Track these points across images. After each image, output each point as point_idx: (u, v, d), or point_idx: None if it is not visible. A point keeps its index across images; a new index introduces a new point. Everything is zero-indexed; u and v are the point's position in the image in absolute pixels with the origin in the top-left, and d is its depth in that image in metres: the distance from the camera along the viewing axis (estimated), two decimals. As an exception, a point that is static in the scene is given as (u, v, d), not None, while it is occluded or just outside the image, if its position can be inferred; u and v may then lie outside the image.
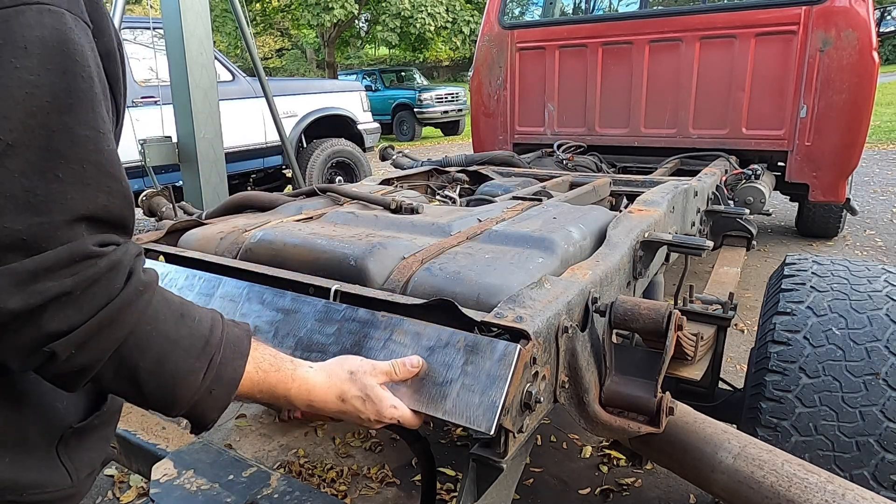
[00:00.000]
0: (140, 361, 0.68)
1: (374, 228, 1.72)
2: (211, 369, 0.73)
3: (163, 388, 0.70)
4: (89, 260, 0.61)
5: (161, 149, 4.02)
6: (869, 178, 7.76)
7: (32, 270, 0.57)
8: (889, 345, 1.34)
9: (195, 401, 0.73)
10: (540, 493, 2.14)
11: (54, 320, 0.60)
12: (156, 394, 0.71)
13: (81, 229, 0.60)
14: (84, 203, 0.60)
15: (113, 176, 0.62)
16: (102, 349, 0.64)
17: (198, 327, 0.73)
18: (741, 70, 3.82)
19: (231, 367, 0.76)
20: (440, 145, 14.76)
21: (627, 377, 1.24)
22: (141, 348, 0.67)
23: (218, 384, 0.75)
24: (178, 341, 0.71)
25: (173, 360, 0.70)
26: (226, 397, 0.76)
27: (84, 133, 0.59)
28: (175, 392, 0.71)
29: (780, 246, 5.13)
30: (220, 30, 21.17)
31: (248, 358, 0.79)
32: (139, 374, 0.68)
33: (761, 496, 1.10)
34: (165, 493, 1.18)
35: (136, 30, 5.43)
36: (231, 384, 0.76)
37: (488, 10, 4.62)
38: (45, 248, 0.58)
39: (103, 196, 0.62)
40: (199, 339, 0.73)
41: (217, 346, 0.74)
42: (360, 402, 0.90)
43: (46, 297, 0.58)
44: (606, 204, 2.82)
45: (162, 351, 0.69)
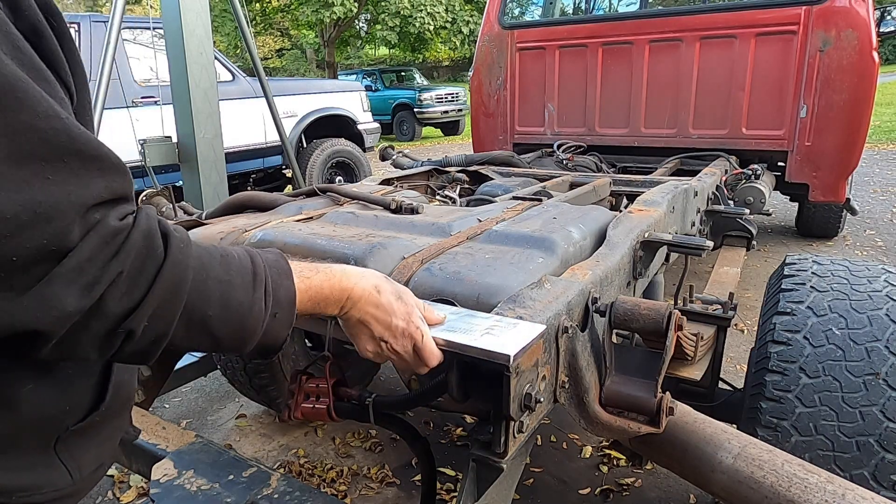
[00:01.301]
0: (207, 310, 0.70)
1: (374, 228, 1.72)
2: (268, 295, 0.77)
3: (234, 327, 0.73)
4: (119, 235, 0.61)
5: (161, 149, 4.02)
6: (869, 178, 7.76)
7: (75, 268, 0.57)
8: (889, 345, 1.34)
9: (265, 329, 0.77)
10: (540, 493, 2.14)
11: (118, 303, 0.61)
12: (229, 335, 0.73)
13: (97, 213, 0.60)
14: (87, 192, 0.59)
15: (97, 156, 0.60)
16: (173, 311, 0.66)
17: (241, 263, 0.76)
18: (741, 70, 3.82)
19: (283, 287, 0.80)
20: (440, 145, 14.76)
21: (627, 377, 1.24)
22: (203, 298, 0.69)
23: (278, 306, 0.78)
24: (232, 280, 0.73)
25: (235, 298, 0.73)
26: (289, 315, 0.80)
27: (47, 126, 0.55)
28: (246, 327, 0.74)
29: (780, 246, 5.13)
30: (220, 30, 21.20)
31: (292, 273, 0.83)
32: (210, 323, 0.70)
33: (761, 496, 1.10)
34: (165, 493, 1.18)
35: (136, 30, 5.43)
36: (289, 302, 0.80)
37: (488, 10, 4.62)
38: (73, 246, 0.57)
39: (99, 179, 0.60)
40: (247, 273, 0.75)
41: (264, 273, 0.77)
42: (395, 298, 0.93)
43: (102, 285, 0.59)
44: (606, 204, 2.82)
45: (223, 294, 0.71)
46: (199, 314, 0.69)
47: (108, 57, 3.63)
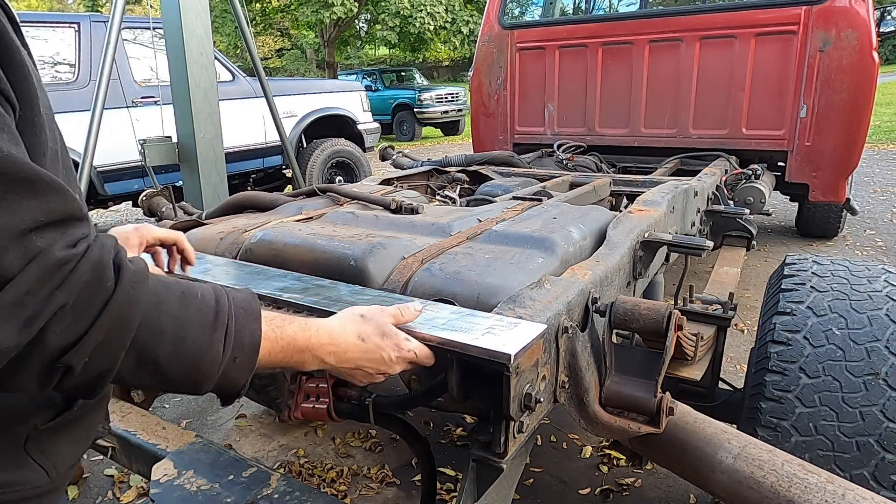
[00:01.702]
0: (158, 348, 0.66)
1: (374, 228, 1.72)
2: (229, 337, 0.72)
3: (187, 369, 0.70)
4: (66, 265, 0.57)
5: (161, 149, 4.02)
6: (869, 178, 7.76)
7: (13, 301, 0.54)
8: (889, 345, 1.34)
9: (222, 372, 0.72)
10: (540, 493, 2.13)
11: (59, 336, 0.57)
12: (182, 376, 0.70)
13: (40, 240, 0.56)
14: (16, 216, 0.54)
15: (27, 178, 0.55)
16: (117, 347, 0.63)
17: (203, 300, 0.72)
18: (741, 70, 3.82)
19: (248, 329, 0.75)
20: (440, 145, 14.76)
21: (627, 377, 1.24)
22: (154, 336, 0.66)
23: (240, 350, 0.74)
24: (189, 319, 0.69)
25: (190, 338, 0.69)
26: (251, 361, 0.76)
27: None
28: (200, 369, 0.70)
29: (780, 246, 5.13)
30: (220, 30, 21.19)
31: (261, 318, 0.78)
32: (160, 361, 0.67)
33: (761, 496, 1.10)
34: (165, 493, 1.18)
35: (136, 30, 5.43)
36: (252, 346, 0.76)
37: (488, 10, 4.62)
38: (10, 276, 0.53)
39: (31, 201, 0.55)
40: (208, 312, 0.71)
41: (228, 314, 0.73)
42: (380, 337, 0.91)
43: (42, 319, 0.55)
44: (606, 204, 2.82)
45: (176, 333, 0.68)
46: (150, 352, 0.66)
47: (108, 57, 3.63)
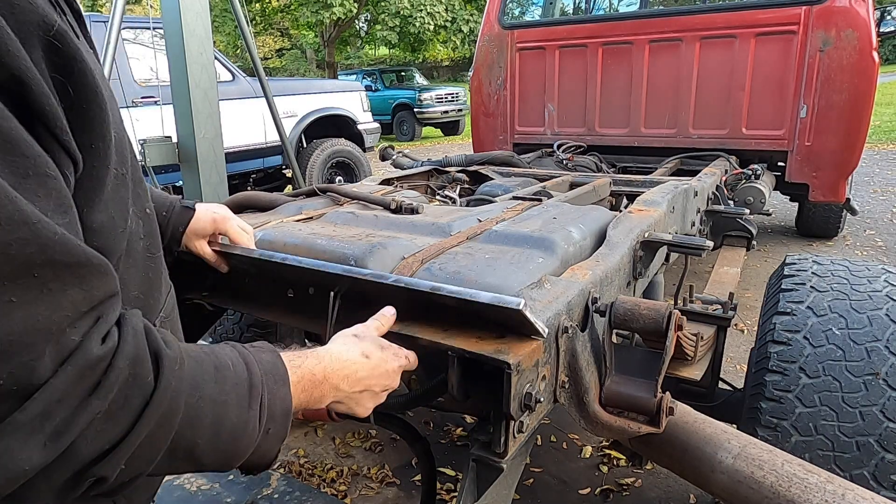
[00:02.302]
0: (197, 438, 0.59)
1: (374, 228, 1.72)
2: (263, 410, 0.66)
3: (224, 453, 0.63)
4: (101, 364, 0.50)
5: (161, 149, 4.02)
6: (869, 178, 7.76)
7: (41, 413, 0.46)
8: (889, 345, 1.34)
9: (255, 448, 0.67)
10: (540, 493, 2.14)
11: (91, 445, 0.50)
12: (216, 460, 0.63)
13: (74, 335, 0.49)
14: (60, 311, 0.48)
15: (76, 263, 0.49)
16: (157, 448, 0.55)
17: (237, 374, 0.65)
18: (741, 70, 3.82)
19: (278, 398, 0.69)
20: (440, 145, 14.76)
21: (627, 377, 1.24)
22: (193, 425, 0.58)
23: (273, 421, 0.68)
24: (227, 399, 0.62)
25: (229, 420, 0.62)
26: (283, 430, 0.70)
27: (11, 238, 0.44)
28: (237, 450, 0.65)
29: (780, 246, 5.13)
30: (220, 29, 21.18)
31: (289, 380, 0.72)
32: (196, 451, 0.60)
33: (761, 496, 1.10)
34: (165, 493, 1.18)
35: (136, 30, 5.43)
36: (284, 414, 0.70)
37: (488, 10, 4.62)
38: (41, 382, 0.46)
39: (76, 290, 0.49)
40: (243, 386, 0.65)
41: (261, 385, 0.67)
42: (380, 350, 0.89)
43: (73, 432, 0.48)
44: (606, 204, 2.82)
45: (215, 418, 0.61)
46: (187, 444, 0.59)
47: (108, 57, 3.63)
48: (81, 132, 0.55)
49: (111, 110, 0.60)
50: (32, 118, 0.49)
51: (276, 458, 0.72)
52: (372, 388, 0.88)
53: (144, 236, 0.73)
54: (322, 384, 0.78)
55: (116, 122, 0.63)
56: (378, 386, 0.89)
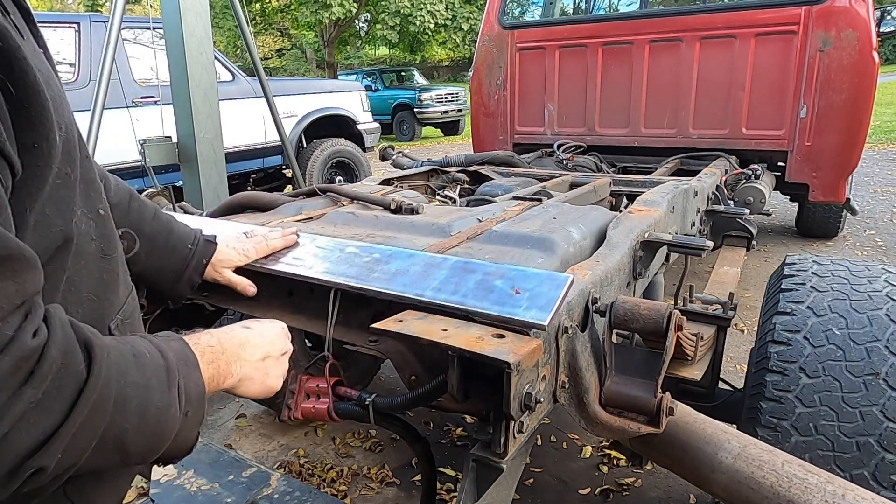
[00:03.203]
0: (125, 423, 0.59)
1: (374, 229, 1.72)
2: (181, 393, 0.68)
3: (150, 438, 0.64)
4: (34, 355, 0.51)
5: (161, 149, 4.02)
6: (869, 178, 7.76)
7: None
8: (889, 345, 1.34)
9: (178, 431, 0.68)
10: (540, 493, 2.14)
11: (27, 437, 0.50)
12: (142, 448, 0.63)
13: (7, 327, 0.50)
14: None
15: (10, 256, 0.49)
16: (90, 436, 0.56)
17: (153, 360, 0.66)
18: (741, 70, 3.82)
19: (193, 380, 0.71)
20: (440, 145, 14.76)
21: (627, 377, 1.24)
22: (121, 411, 0.59)
23: (190, 404, 0.69)
24: (149, 384, 0.63)
25: (153, 404, 0.63)
26: (200, 413, 0.72)
27: None
28: (161, 434, 0.65)
29: (780, 246, 5.13)
30: (220, 24, 21.17)
31: (199, 364, 0.74)
32: (125, 438, 0.60)
33: (761, 496, 1.10)
34: (165, 493, 1.18)
35: (136, 30, 5.43)
36: (199, 397, 0.72)
37: (488, 10, 4.62)
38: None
39: (9, 284, 0.50)
40: (161, 372, 0.66)
41: (176, 370, 0.68)
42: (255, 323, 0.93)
43: (9, 420, 0.48)
44: (606, 204, 2.82)
45: (140, 402, 0.61)
46: (116, 430, 0.59)
47: (108, 57, 3.63)
48: (22, 131, 0.55)
49: (57, 110, 0.60)
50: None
51: (194, 444, 0.74)
52: (271, 354, 0.91)
53: (97, 238, 0.74)
54: (223, 354, 0.80)
55: (66, 122, 0.63)
56: (275, 350, 0.92)
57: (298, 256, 1.34)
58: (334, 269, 1.26)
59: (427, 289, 1.13)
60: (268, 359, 0.90)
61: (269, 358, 0.91)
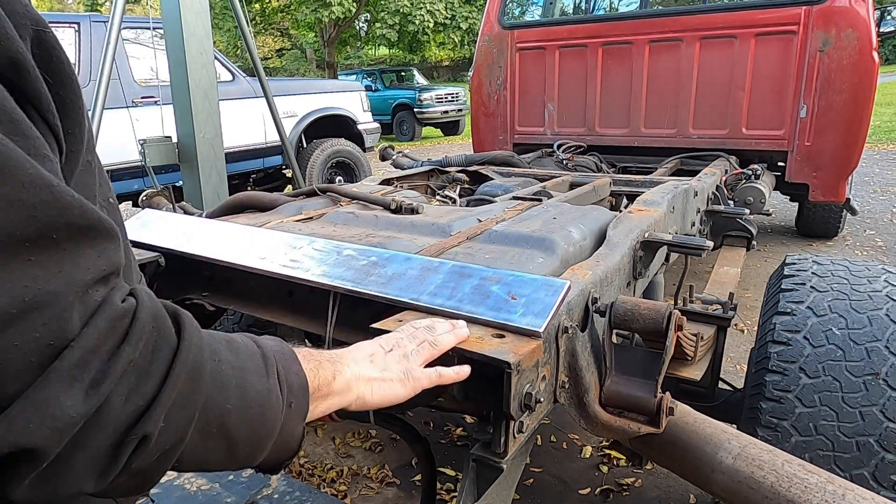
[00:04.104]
0: (226, 402, 0.59)
1: (374, 229, 1.72)
2: (281, 381, 0.66)
3: (254, 424, 0.62)
4: (126, 317, 0.51)
5: (161, 149, 4.02)
6: (869, 178, 7.76)
7: (77, 362, 0.47)
8: (889, 345, 1.34)
9: (283, 422, 0.66)
10: (540, 493, 2.14)
11: (127, 403, 0.50)
12: (247, 436, 0.62)
13: (96, 294, 0.50)
14: (80, 269, 0.49)
15: (89, 226, 0.50)
16: (191, 406, 0.55)
17: (247, 346, 0.66)
18: (741, 70, 3.82)
19: (293, 371, 0.69)
20: (440, 145, 14.76)
21: (627, 377, 1.24)
22: (219, 388, 0.58)
23: (293, 395, 0.67)
24: (244, 365, 0.62)
25: (252, 387, 0.62)
26: (304, 403, 0.70)
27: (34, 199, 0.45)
28: (266, 420, 0.63)
29: (780, 246, 5.13)
30: (220, 26, 21.18)
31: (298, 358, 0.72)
32: (228, 420, 0.59)
33: (761, 496, 1.10)
34: (165, 493, 1.18)
35: (136, 30, 5.43)
36: (302, 388, 0.69)
37: (488, 10, 4.62)
38: (73, 336, 0.47)
39: (90, 251, 0.50)
40: (257, 357, 0.65)
41: (272, 357, 0.67)
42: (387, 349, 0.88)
43: (110, 379, 0.49)
44: (606, 204, 2.82)
45: (239, 382, 0.61)
46: (217, 409, 0.58)
47: (108, 57, 3.63)
48: (62, 118, 0.56)
49: None
50: (25, 102, 0.50)
51: (301, 441, 0.71)
52: (375, 353, 0.85)
53: None
54: (319, 355, 0.77)
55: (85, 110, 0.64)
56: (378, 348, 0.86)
57: (297, 258, 1.34)
58: (331, 271, 1.26)
59: (423, 293, 1.13)
60: (375, 357, 0.84)
61: (376, 356, 0.84)
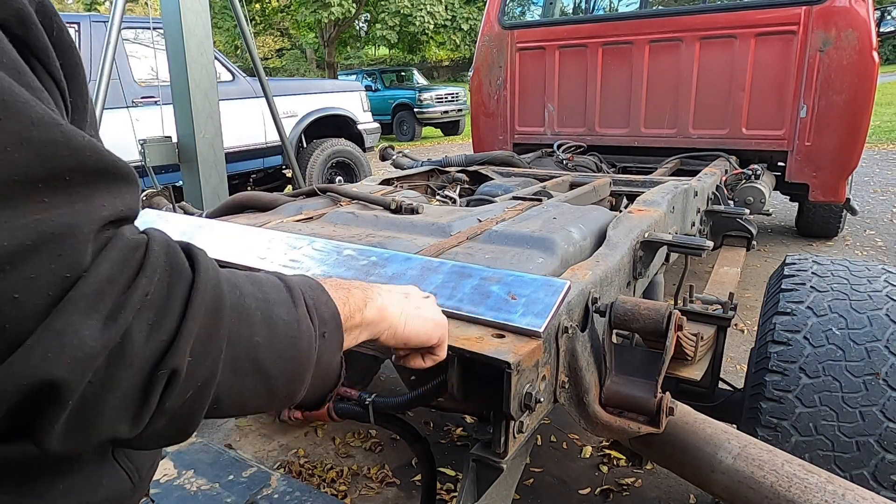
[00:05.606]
0: (254, 335, 0.57)
1: (374, 228, 1.72)
2: (311, 311, 0.64)
3: (287, 356, 0.60)
4: (139, 249, 0.50)
5: (161, 149, 4.02)
6: (869, 178, 7.76)
7: (93, 291, 0.46)
8: (889, 345, 1.34)
9: (318, 353, 0.63)
10: (540, 493, 2.13)
11: (149, 339, 0.48)
12: (283, 369, 0.60)
13: (108, 231, 0.49)
14: (96, 211, 0.48)
15: (104, 169, 0.49)
16: (217, 340, 0.53)
17: (270, 280, 0.63)
18: (741, 70, 3.82)
19: (321, 301, 0.67)
20: (440, 145, 14.76)
21: (627, 377, 1.24)
22: (245, 322, 0.56)
23: (324, 325, 0.65)
24: (269, 297, 0.60)
25: (280, 318, 0.59)
26: (338, 333, 0.68)
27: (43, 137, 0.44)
28: (300, 353, 0.61)
29: (780, 246, 5.13)
30: (220, 26, 21.19)
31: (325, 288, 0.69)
32: (259, 353, 0.57)
33: (761, 496, 1.10)
34: (165, 493, 1.18)
35: (136, 30, 5.43)
36: (333, 317, 0.67)
37: (488, 10, 4.62)
38: (87, 267, 0.46)
39: (106, 194, 0.49)
40: (281, 289, 0.62)
41: (298, 288, 0.64)
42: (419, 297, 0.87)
43: (128, 312, 0.47)
44: (606, 204, 2.82)
45: (264, 314, 0.58)
46: (245, 343, 0.56)
47: (108, 57, 3.63)
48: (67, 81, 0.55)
49: None
50: (31, 56, 0.49)
51: (341, 370, 0.70)
52: (411, 292, 0.84)
53: None
54: (349, 285, 0.75)
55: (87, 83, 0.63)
56: (414, 289, 0.85)
57: (296, 258, 1.35)
58: (331, 272, 1.26)
59: None
60: (410, 295, 0.83)
61: (411, 294, 0.83)
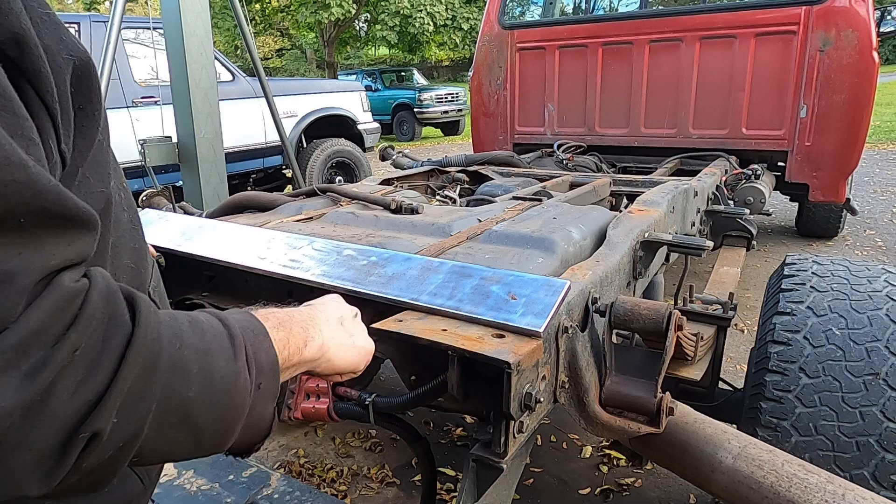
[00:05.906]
0: (187, 390, 0.54)
1: (374, 228, 1.73)
2: (250, 361, 0.62)
3: (220, 411, 0.58)
4: (77, 299, 0.46)
5: (161, 149, 4.02)
6: (869, 178, 7.76)
7: (16, 345, 0.42)
8: (889, 345, 1.34)
9: (251, 405, 0.62)
10: (540, 493, 2.13)
11: (77, 394, 0.45)
12: (213, 423, 0.57)
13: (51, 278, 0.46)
14: (44, 255, 0.45)
15: (67, 215, 0.46)
16: (148, 398, 0.50)
17: (213, 327, 0.61)
18: (741, 70, 3.82)
19: (262, 349, 0.65)
20: (440, 145, 14.76)
21: (627, 377, 1.24)
22: (180, 375, 0.53)
23: (262, 375, 0.63)
24: (210, 349, 0.58)
25: (217, 370, 0.57)
26: (274, 384, 0.66)
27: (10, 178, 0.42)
28: (234, 406, 0.59)
29: (780, 246, 5.13)
30: (220, 26, 21.19)
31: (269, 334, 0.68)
32: (191, 408, 0.54)
33: (761, 496, 1.10)
34: (165, 493, 1.18)
35: (136, 30, 5.43)
36: (272, 367, 0.66)
37: (488, 10, 4.62)
38: (14, 318, 0.43)
39: (60, 240, 0.46)
40: (224, 339, 0.60)
41: (241, 337, 0.63)
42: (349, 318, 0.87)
43: (51, 367, 0.43)
44: (606, 204, 2.82)
45: (202, 367, 0.56)
46: (178, 398, 0.53)
47: (108, 57, 3.63)
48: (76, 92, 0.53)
49: None
50: (24, 81, 0.47)
51: (272, 422, 0.69)
52: (344, 316, 0.85)
53: (127, 208, 0.73)
54: (291, 319, 0.74)
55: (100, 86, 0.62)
56: (346, 311, 0.86)
57: (296, 258, 1.35)
58: (331, 271, 1.26)
59: (423, 293, 1.13)
60: (344, 321, 0.83)
61: (345, 319, 0.84)
